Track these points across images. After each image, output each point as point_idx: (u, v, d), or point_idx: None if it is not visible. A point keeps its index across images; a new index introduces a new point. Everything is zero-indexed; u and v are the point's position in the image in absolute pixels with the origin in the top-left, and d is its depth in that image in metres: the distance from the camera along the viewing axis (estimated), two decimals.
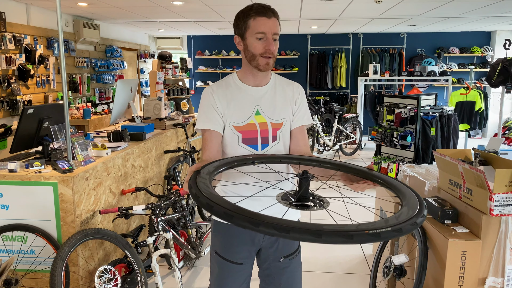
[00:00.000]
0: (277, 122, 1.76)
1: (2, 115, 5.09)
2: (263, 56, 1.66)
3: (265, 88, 1.77)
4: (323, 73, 10.21)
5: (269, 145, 1.76)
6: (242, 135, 1.73)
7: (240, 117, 1.72)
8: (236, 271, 1.82)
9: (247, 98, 1.74)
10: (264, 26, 1.63)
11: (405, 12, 6.57)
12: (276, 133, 1.77)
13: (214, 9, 6.17)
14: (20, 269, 2.63)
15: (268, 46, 1.64)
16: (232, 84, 1.77)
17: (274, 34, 1.65)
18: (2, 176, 2.56)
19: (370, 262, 3.56)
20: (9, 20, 5.15)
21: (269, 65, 1.68)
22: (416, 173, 3.18)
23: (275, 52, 1.67)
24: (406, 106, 5.64)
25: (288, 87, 1.84)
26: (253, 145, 1.74)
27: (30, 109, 2.69)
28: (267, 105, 1.75)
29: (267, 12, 1.64)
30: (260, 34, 1.64)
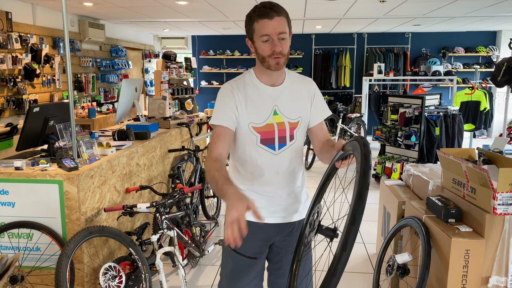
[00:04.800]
0: (294, 121, 1.77)
1: (8, 114, 5.14)
2: (272, 57, 1.65)
3: (281, 87, 1.77)
4: (327, 73, 10.20)
5: (286, 144, 1.77)
6: (261, 136, 1.74)
7: (259, 117, 1.73)
8: (250, 265, 1.85)
9: (265, 98, 1.74)
10: (267, 28, 1.61)
11: (409, 12, 6.56)
12: (293, 132, 1.78)
13: (219, 9, 6.19)
14: (25, 266, 2.66)
15: (273, 47, 1.63)
16: (249, 82, 1.76)
17: (279, 33, 1.62)
18: (8, 174, 2.59)
19: (374, 261, 3.56)
20: (15, 20, 5.20)
21: (280, 64, 1.67)
22: (420, 172, 3.17)
23: (284, 51, 1.65)
24: (410, 106, 5.63)
25: (302, 84, 1.83)
26: (270, 145, 1.75)
27: (36, 108, 2.71)
28: (284, 104, 1.76)
29: (269, 13, 1.61)
30: (265, 36, 1.63)
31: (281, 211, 1.84)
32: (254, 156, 1.76)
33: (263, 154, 1.75)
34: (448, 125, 5.84)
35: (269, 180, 1.79)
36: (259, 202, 1.79)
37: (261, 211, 1.78)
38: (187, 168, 4.62)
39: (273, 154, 1.76)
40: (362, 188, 1.28)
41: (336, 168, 1.67)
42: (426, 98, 5.65)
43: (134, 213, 2.75)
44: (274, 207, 1.82)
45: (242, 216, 1.31)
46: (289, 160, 1.80)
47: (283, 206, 1.83)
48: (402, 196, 3.09)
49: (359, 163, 1.36)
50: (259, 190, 1.80)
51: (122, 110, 4.17)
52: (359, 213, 1.25)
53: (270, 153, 1.76)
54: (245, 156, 1.78)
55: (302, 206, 1.92)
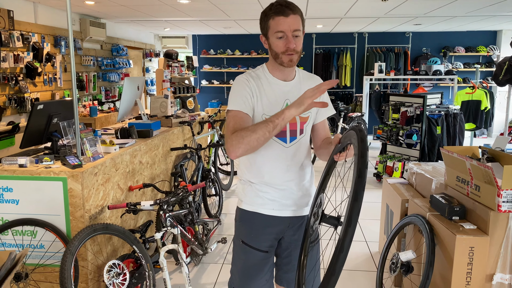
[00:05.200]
0: (305, 116, 1.83)
1: (9, 113, 5.13)
2: (286, 54, 1.69)
3: (293, 83, 1.82)
4: (328, 72, 10.20)
5: (297, 137, 1.83)
6: None
7: (272, 109, 1.76)
8: (261, 259, 1.88)
9: (277, 92, 1.79)
10: (283, 25, 1.66)
11: (410, 11, 6.56)
12: (303, 127, 1.84)
13: (220, 8, 6.19)
14: (29, 263, 2.66)
15: (288, 44, 1.67)
16: (262, 76, 1.81)
17: (294, 31, 1.67)
18: (12, 171, 2.59)
19: (376, 259, 3.56)
20: (17, 18, 5.19)
21: (293, 61, 1.71)
22: (423, 171, 3.18)
23: (297, 48, 1.70)
24: (412, 105, 5.63)
25: (311, 81, 1.87)
26: (282, 138, 1.80)
27: (40, 105, 2.71)
28: (295, 99, 1.75)
29: (285, 10, 1.66)
30: (280, 33, 1.67)
31: (292, 205, 1.87)
32: (266, 148, 1.79)
33: (275, 146, 1.80)
34: (450, 124, 5.85)
35: (280, 173, 1.83)
36: (270, 195, 1.83)
37: (272, 204, 1.84)
38: (189, 166, 4.62)
39: (284, 147, 1.81)
40: (361, 166, 1.30)
41: (335, 161, 1.71)
42: (428, 97, 5.65)
43: (138, 210, 2.75)
44: (285, 200, 1.85)
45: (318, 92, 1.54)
46: (299, 154, 1.85)
47: (294, 199, 1.87)
48: (405, 194, 3.10)
49: (356, 147, 1.38)
50: (270, 183, 1.84)
51: (124, 108, 4.17)
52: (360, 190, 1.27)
53: (282, 146, 1.81)
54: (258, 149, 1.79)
55: (312, 200, 1.94)
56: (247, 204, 1.89)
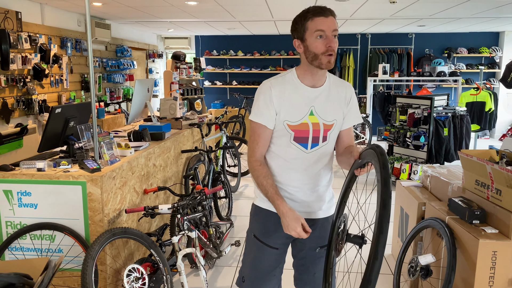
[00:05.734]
0: (329, 123, 1.82)
1: (17, 115, 5.11)
2: (325, 55, 1.69)
3: (321, 89, 1.81)
4: (332, 73, 10.18)
5: (319, 144, 1.83)
6: (295, 134, 1.80)
7: (294, 116, 1.78)
8: (271, 254, 1.93)
9: (303, 98, 1.79)
10: (323, 25, 1.67)
11: (417, 13, 6.57)
12: (327, 134, 1.84)
13: (227, 9, 6.18)
14: None
15: (329, 43, 1.68)
16: (290, 81, 1.81)
17: (333, 30, 1.69)
18: (30, 175, 2.58)
19: (390, 261, 3.56)
20: (24, 20, 5.17)
21: (331, 62, 1.71)
22: (438, 174, 3.18)
23: (335, 49, 1.71)
24: (419, 107, 5.64)
25: (341, 88, 1.87)
26: (303, 144, 1.81)
27: (58, 109, 2.70)
28: (321, 106, 1.80)
29: (325, 11, 1.69)
30: (320, 31, 1.68)
31: (305, 207, 1.90)
32: (286, 152, 1.82)
33: (295, 151, 1.82)
34: (456, 126, 5.87)
35: (296, 176, 1.85)
36: (285, 193, 1.87)
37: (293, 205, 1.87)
38: (199, 168, 4.61)
39: (305, 153, 1.82)
40: (385, 197, 1.34)
41: (355, 175, 1.74)
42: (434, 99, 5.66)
43: (156, 214, 2.74)
44: (298, 202, 1.88)
45: (301, 234, 1.66)
46: (319, 160, 1.86)
47: (307, 202, 1.89)
48: (421, 197, 3.10)
49: (379, 173, 1.40)
50: (285, 184, 1.87)
51: (135, 110, 4.16)
52: (386, 222, 1.32)
53: (302, 151, 1.82)
54: (277, 151, 1.84)
55: (326, 205, 1.97)
56: (260, 201, 1.93)
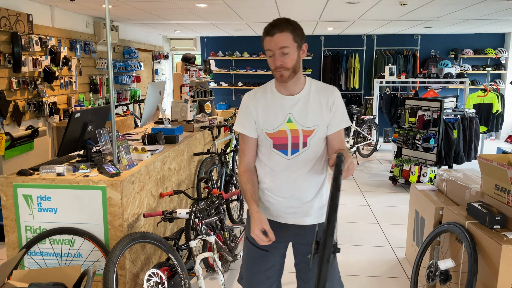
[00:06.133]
0: (309, 129, 1.86)
1: (28, 117, 5.12)
2: (276, 71, 1.78)
3: (298, 96, 1.87)
4: (337, 75, 10.21)
5: (299, 150, 1.88)
6: (273, 141, 1.88)
7: (271, 124, 1.87)
8: (261, 256, 1.99)
9: (279, 106, 1.87)
10: (270, 44, 1.75)
11: (425, 15, 6.57)
12: (307, 140, 1.87)
13: (236, 11, 6.19)
14: None
15: (275, 62, 1.76)
16: (268, 91, 1.91)
17: (281, 48, 1.73)
18: (50, 180, 2.58)
19: (405, 265, 3.56)
20: (35, 22, 5.18)
21: (284, 77, 1.78)
22: (454, 178, 3.18)
23: (286, 65, 1.76)
24: (429, 109, 5.64)
25: (322, 93, 1.89)
26: (283, 150, 1.88)
27: (77, 113, 2.71)
28: (299, 113, 1.86)
29: (271, 31, 1.74)
30: (268, 51, 1.77)
31: (292, 213, 1.94)
32: (269, 159, 1.92)
33: (276, 158, 1.90)
34: (466, 128, 5.86)
35: (281, 183, 1.91)
36: (270, 201, 1.94)
37: (272, 209, 1.96)
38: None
39: (286, 159, 1.89)
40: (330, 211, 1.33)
41: None
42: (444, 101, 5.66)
43: (174, 218, 2.75)
44: (284, 208, 1.93)
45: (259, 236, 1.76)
46: (303, 166, 1.90)
47: (294, 208, 1.94)
48: (438, 202, 3.10)
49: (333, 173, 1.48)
50: (272, 190, 1.94)
51: (148, 113, 4.17)
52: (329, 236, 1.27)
53: (283, 158, 1.89)
54: (263, 159, 1.95)
55: (316, 211, 1.98)
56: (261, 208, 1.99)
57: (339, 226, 4.44)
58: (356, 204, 5.16)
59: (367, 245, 3.97)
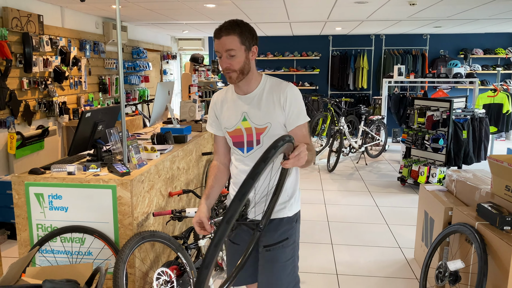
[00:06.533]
0: (261, 127, 1.89)
1: (39, 117, 5.18)
2: (225, 72, 1.83)
3: (252, 95, 1.91)
4: (345, 74, 10.18)
5: (253, 148, 1.93)
6: (232, 139, 1.96)
7: (229, 123, 1.94)
8: (234, 250, 2.07)
9: (236, 105, 1.93)
10: (217, 46, 1.79)
11: (435, 14, 6.53)
12: (260, 137, 1.91)
13: (244, 11, 6.20)
14: None
15: (222, 64, 1.81)
16: (228, 92, 1.99)
17: (227, 50, 1.76)
18: (61, 179, 2.61)
19: (413, 266, 3.55)
20: (46, 23, 5.23)
21: (232, 78, 1.83)
22: (464, 178, 3.16)
23: (232, 67, 1.79)
24: (438, 109, 5.61)
25: (275, 92, 1.89)
26: (240, 148, 1.95)
27: (88, 113, 2.73)
28: (253, 111, 1.90)
29: (218, 34, 1.78)
30: (218, 53, 1.81)
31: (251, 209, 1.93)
32: (234, 157, 2.00)
33: (236, 155, 1.98)
34: (475, 129, 5.82)
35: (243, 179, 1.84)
36: None
37: None
38: None
39: (243, 156, 1.95)
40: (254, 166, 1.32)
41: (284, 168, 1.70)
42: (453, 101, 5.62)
43: (183, 217, 2.76)
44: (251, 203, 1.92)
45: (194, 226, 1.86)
46: None
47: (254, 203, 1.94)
48: (447, 202, 3.08)
49: None
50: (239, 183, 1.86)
51: (157, 113, 4.19)
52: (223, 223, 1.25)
53: (241, 155, 1.95)
54: (232, 155, 2.04)
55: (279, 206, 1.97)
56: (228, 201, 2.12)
57: (348, 226, 4.43)
58: (364, 205, 5.15)
59: (376, 246, 3.96)
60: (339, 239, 4.09)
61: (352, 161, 7.55)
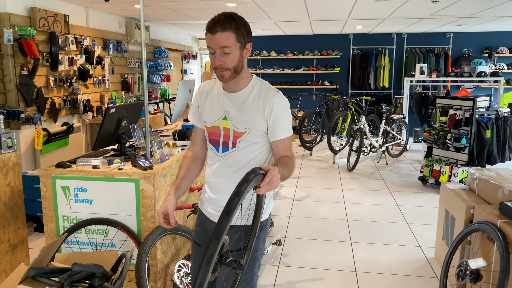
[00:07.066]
0: (240, 130, 1.77)
1: (64, 114, 5.32)
2: (217, 70, 1.72)
3: (238, 95, 1.79)
4: (366, 73, 10.10)
5: (228, 150, 1.81)
6: (209, 135, 1.87)
7: (210, 118, 1.84)
8: (196, 251, 1.97)
9: (219, 102, 1.83)
10: (210, 42, 1.66)
11: (458, 12, 6.43)
12: (236, 141, 1.79)
13: (264, 10, 6.23)
14: None
15: (215, 62, 1.69)
16: (216, 85, 1.88)
17: (222, 47, 1.64)
18: (87, 172, 2.69)
19: (434, 265, 3.52)
20: (71, 23, 5.38)
21: (224, 77, 1.71)
22: (486, 177, 3.12)
23: (226, 65, 1.67)
24: (460, 108, 5.52)
25: (261, 98, 1.77)
26: (215, 146, 1.85)
27: (112, 109, 2.81)
28: (235, 112, 1.78)
29: (212, 28, 1.64)
30: (210, 49, 1.69)
31: (217, 212, 1.83)
32: (209, 152, 1.91)
33: (211, 152, 1.89)
34: (500, 128, 5.70)
35: (216, 178, 1.86)
36: (205, 197, 1.92)
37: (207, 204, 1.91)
38: None
39: (217, 156, 1.85)
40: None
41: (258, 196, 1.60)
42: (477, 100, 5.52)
43: None
44: (216, 206, 1.85)
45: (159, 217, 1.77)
46: (233, 167, 1.81)
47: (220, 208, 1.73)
48: (469, 200, 3.05)
49: None
50: (211, 183, 1.89)
51: (178, 110, 4.26)
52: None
53: (215, 154, 1.86)
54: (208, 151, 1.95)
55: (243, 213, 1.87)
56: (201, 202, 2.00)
57: (368, 224, 4.42)
58: (384, 204, 5.11)
59: (395, 244, 3.93)
60: (358, 237, 4.08)
61: (373, 161, 7.49)
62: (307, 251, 3.79)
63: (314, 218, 4.63)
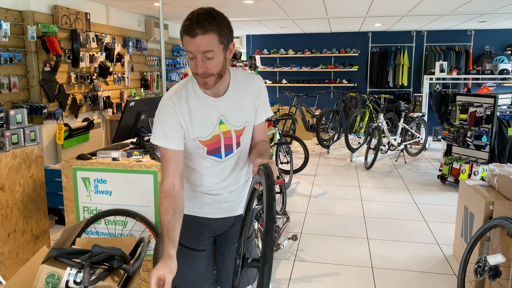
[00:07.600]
0: (240, 128, 1.70)
1: (85, 110, 5.43)
2: (199, 77, 1.52)
3: (226, 96, 1.65)
4: (384, 71, 10.01)
5: (233, 151, 1.72)
6: (207, 148, 1.67)
7: (205, 131, 1.64)
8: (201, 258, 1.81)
9: (209, 110, 1.63)
10: (190, 46, 1.45)
11: (479, 8, 6.32)
12: (240, 139, 1.72)
13: (282, 7, 6.24)
14: None
15: (196, 68, 1.49)
16: (192, 93, 1.62)
17: (204, 52, 1.45)
18: (106, 164, 2.75)
19: (452, 262, 3.47)
20: (92, 21, 5.49)
21: (208, 84, 1.53)
22: (506, 173, 3.07)
23: (210, 71, 1.49)
24: (481, 105, 5.43)
25: (249, 85, 1.70)
26: (217, 155, 1.69)
27: (132, 102, 2.86)
28: (231, 113, 1.67)
29: (191, 31, 1.42)
30: (189, 53, 1.47)
31: (226, 207, 1.82)
32: (200, 164, 1.71)
33: (210, 163, 1.71)
34: None
35: (214, 185, 1.76)
36: (204, 200, 1.78)
37: (207, 208, 1.78)
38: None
39: (220, 162, 1.71)
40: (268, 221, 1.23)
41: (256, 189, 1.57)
42: (498, 97, 5.43)
43: None
44: (219, 204, 1.79)
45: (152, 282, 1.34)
46: (235, 165, 1.77)
47: (229, 202, 1.81)
48: (489, 196, 3.00)
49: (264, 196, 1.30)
50: (205, 190, 1.77)
51: None
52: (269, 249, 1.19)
53: (217, 162, 1.71)
54: (191, 165, 1.72)
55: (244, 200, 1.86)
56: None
57: (385, 222, 4.39)
58: (402, 202, 5.07)
59: (413, 242, 3.89)
60: (375, 234, 4.06)
61: (391, 159, 7.42)
62: (323, 246, 3.79)
63: (330, 214, 4.63)
